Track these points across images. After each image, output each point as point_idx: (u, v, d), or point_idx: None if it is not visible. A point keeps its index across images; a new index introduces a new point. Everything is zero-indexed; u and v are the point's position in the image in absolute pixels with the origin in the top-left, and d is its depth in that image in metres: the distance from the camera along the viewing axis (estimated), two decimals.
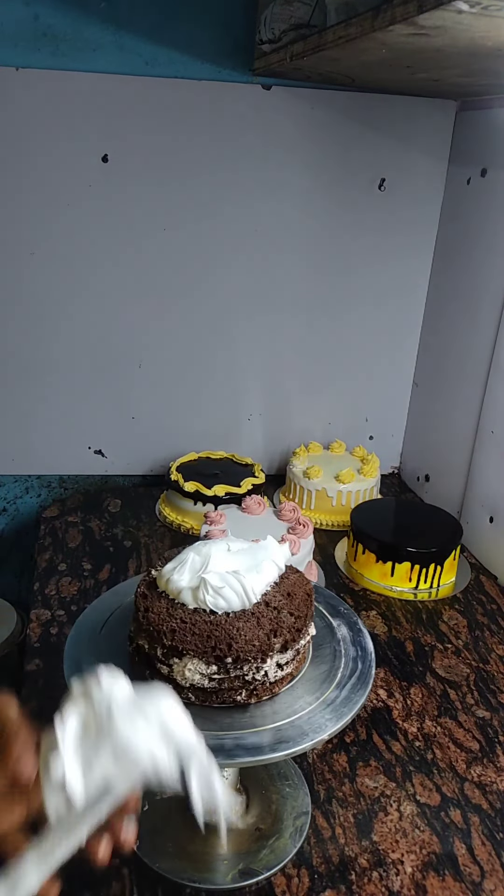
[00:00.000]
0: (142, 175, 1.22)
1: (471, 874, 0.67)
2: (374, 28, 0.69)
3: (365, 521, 1.13)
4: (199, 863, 0.67)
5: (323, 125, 1.24)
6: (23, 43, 1.13)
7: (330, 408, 1.46)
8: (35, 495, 1.43)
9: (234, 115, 1.21)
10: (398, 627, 1.02)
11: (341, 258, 1.35)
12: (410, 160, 1.30)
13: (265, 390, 1.42)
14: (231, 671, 0.57)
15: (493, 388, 1.17)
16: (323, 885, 0.65)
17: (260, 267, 1.32)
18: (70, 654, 0.63)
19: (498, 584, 1.13)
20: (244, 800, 0.72)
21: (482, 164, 1.19)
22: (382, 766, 0.78)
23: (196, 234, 1.28)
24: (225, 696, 0.58)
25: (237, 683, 0.58)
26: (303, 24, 0.94)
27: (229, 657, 0.57)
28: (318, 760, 0.79)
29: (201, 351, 1.36)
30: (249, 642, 0.57)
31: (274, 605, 0.61)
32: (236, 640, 0.57)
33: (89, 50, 1.15)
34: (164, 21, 1.15)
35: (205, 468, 1.30)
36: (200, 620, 0.59)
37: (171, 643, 0.58)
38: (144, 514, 1.29)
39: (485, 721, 0.85)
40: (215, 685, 0.58)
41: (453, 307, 1.31)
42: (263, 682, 0.59)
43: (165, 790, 0.45)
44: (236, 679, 0.58)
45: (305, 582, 0.65)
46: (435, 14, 0.59)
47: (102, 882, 0.64)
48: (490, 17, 0.58)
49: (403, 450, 1.53)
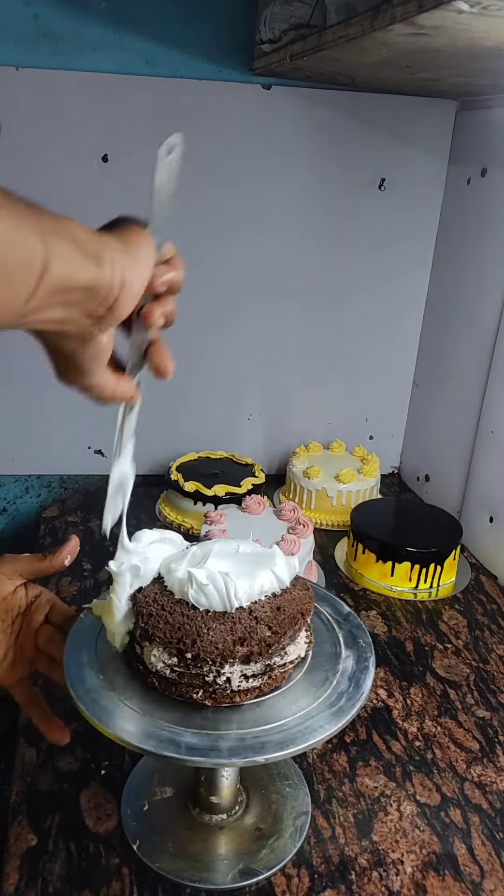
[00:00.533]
0: (142, 175, 1.21)
1: (471, 874, 0.67)
2: (374, 28, 0.69)
3: (365, 521, 1.13)
4: (199, 863, 0.67)
5: (323, 125, 1.24)
6: (23, 43, 1.13)
7: (330, 408, 1.46)
8: (35, 495, 1.43)
9: (234, 115, 1.21)
10: (398, 627, 1.02)
11: (341, 258, 1.35)
12: (410, 160, 1.30)
13: (265, 390, 1.42)
14: (191, 667, 0.57)
15: (493, 388, 1.17)
16: (323, 885, 0.65)
17: (260, 267, 1.32)
18: (70, 654, 0.63)
19: (498, 584, 1.13)
20: (244, 800, 0.72)
21: (482, 164, 1.19)
22: (382, 766, 0.78)
23: (196, 234, 1.28)
24: (182, 691, 0.58)
25: (196, 681, 0.57)
26: (303, 23, 0.94)
27: (189, 653, 0.57)
28: (318, 760, 0.79)
29: (201, 351, 1.36)
30: (213, 644, 0.57)
31: (256, 614, 0.60)
32: (201, 639, 0.57)
33: (89, 50, 1.15)
34: (164, 21, 1.15)
35: (205, 468, 1.30)
36: (178, 612, 0.59)
37: (145, 626, 0.59)
38: (144, 514, 1.29)
39: (485, 721, 0.85)
40: (175, 677, 0.58)
41: (453, 307, 1.31)
42: (224, 688, 0.58)
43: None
44: (196, 677, 0.57)
45: (305, 602, 0.63)
46: (435, 14, 0.59)
47: (102, 882, 0.64)
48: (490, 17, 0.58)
49: (403, 450, 1.53)
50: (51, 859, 0.66)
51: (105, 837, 0.69)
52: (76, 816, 0.71)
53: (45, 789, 0.73)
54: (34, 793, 0.73)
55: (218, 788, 0.69)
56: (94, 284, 0.40)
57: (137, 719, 0.57)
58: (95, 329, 0.43)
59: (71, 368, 0.47)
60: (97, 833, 0.69)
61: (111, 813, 0.71)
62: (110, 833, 0.69)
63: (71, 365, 0.47)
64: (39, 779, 0.74)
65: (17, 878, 0.64)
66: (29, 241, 0.37)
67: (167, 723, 0.57)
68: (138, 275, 0.43)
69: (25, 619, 0.69)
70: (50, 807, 0.71)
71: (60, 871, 0.65)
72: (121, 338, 0.51)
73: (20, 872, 0.65)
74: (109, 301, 0.42)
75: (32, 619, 0.69)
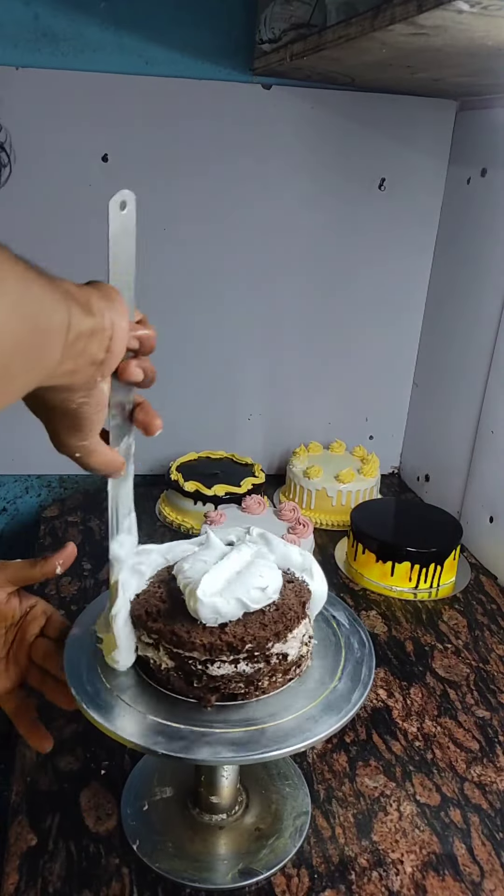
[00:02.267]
0: (142, 175, 1.22)
1: (471, 874, 0.67)
2: (374, 28, 0.69)
3: (365, 521, 1.13)
4: (199, 863, 0.67)
5: (323, 125, 1.24)
6: (23, 43, 1.13)
7: (330, 408, 1.46)
8: (35, 495, 1.43)
9: (234, 115, 1.21)
10: (398, 627, 1.02)
11: (341, 258, 1.35)
12: (410, 160, 1.30)
13: (265, 390, 1.42)
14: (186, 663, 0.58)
15: (493, 388, 1.17)
16: (323, 885, 0.65)
17: (259, 266, 1.32)
18: (70, 655, 0.63)
19: (498, 584, 1.13)
20: (244, 800, 0.72)
21: (482, 163, 1.19)
22: (382, 766, 0.78)
23: (196, 234, 1.28)
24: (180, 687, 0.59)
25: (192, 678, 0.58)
26: (303, 23, 0.94)
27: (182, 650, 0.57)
28: (318, 760, 0.79)
29: (201, 351, 1.36)
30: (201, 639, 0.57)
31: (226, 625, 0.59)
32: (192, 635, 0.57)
33: (89, 50, 1.15)
34: (164, 21, 1.15)
35: (205, 468, 1.30)
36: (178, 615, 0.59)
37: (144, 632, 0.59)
38: (144, 514, 1.29)
39: (485, 721, 0.85)
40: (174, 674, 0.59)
41: (453, 307, 1.31)
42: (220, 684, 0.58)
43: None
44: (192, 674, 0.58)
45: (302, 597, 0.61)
46: (435, 14, 0.59)
47: (102, 882, 0.64)
48: (490, 17, 0.58)
49: (403, 450, 1.53)
50: (51, 859, 0.66)
51: (105, 837, 0.69)
52: (76, 816, 0.71)
53: (45, 789, 0.73)
54: (34, 793, 0.73)
55: (218, 788, 0.69)
56: (93, 330, 0.44)
57: (137, 718, 0.57)
58: (98, 375, 0.46)
59: (74, 426, 0.49)
60: (97, 833, 0.69)
61: (111, 813, 0.71)
62: (110, 833, 0.69)
63: (75, 422, 0.49)
64: (39, 779, 0.74)
65: (17, 878, 0.64)
66: (59, 305, 0.40)
67: (167, 721, 0.56)
68: (122, 316, 0.46)
69: (20, 631, 0.68)
70: (50, 807, 0.71)
71: (60, 871, 0.65)
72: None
73: (20, 872, 0.65)
74: (106, 343, 0.45)
75: (27, 630, 0.68)
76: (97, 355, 0.45)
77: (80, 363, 0.44)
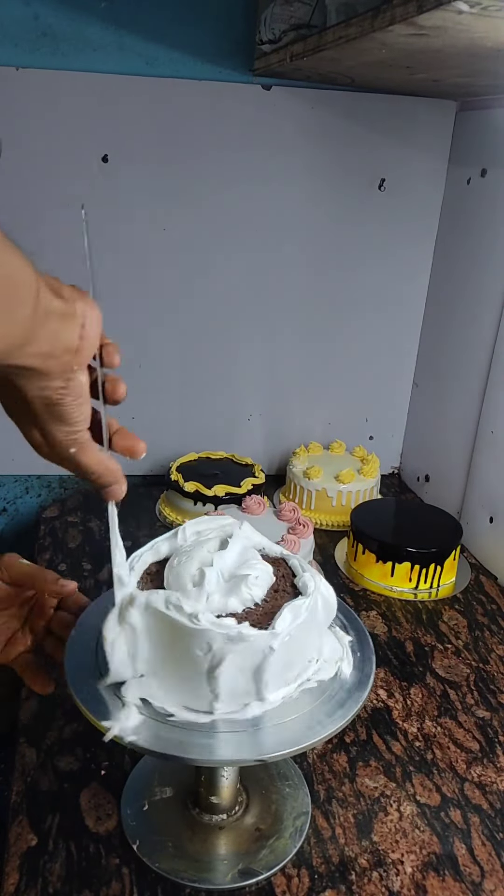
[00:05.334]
0: (142, 175, 1.22)
1: (471, 874, 0.67)
2: (373, 28, 0.69)
3: (365, 521, 1.13)
4: (199, 863, 0.67)
5: (323, 125, 1.24)
6: (23, 43, 1.13)
7: (330, 408, 1.46)
8: (35, 495, 1.44)
9: (234, 115, 1.21)
10: (398, 627, 1.02)
11: (341, 258, 1.35)
12: (410, 160, 1.30)
13: (265, 390, 1.42)
14: None
15: (493, 388, 1.17)
16: (323, 885, 0.65)
17: (260, 267, 1.32)
18: (70, 655, 0.63)
19: (498, 584, 1.13)
20: (244, 800, 0.72)
21: (482, 164, 1.19)
22: (382, 767, 0.78)
23: (196, 234, 1.28)
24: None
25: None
26: (303, 24, 0.94)
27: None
28: (318, 760, 0.79)
29: (201, 351, 1.36)
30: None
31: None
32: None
33: (89, 50, 1.15)
34: (164, 21, 1.15)
35: (205, 468, 1.30)
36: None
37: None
38: (144, 514, 1.29)
39: (485, 721, 0.85)
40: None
41: (453, 307, 1.31)
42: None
43: None
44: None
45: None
46: (435, 14, 0.59)
47: (102, 882, 0.65)
48: (490, 17, 0.58)
49: (403, 450, 1.53)
50: (51, 859, 0.66)
51: (105, 837, 0.69)
52: (76, 816, 0.71)
53: (45, 789, 0.73)
54: (34, 793, 0.73)
55: (218, 788, 0.69)
56: (64, 313, 0.45)
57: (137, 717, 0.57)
58: (74, 364, 0.47)
59: (58, 417, 0.50)
60: (97, 833, 0.69)
61: (111, 813, 0.71)
62: (110, 833, 0.69)
63: (57, 413, 0.50)
64: (39, 779, 0.74)
65: (17, 878, 0.64)
66: (29, 270, 0.42)
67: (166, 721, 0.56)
68: (92, 307, 0.47)
69: (37, 604, 0.71)
70: (50, 807, 0.71)
71: (60, 871, 0.65)
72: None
73: (20, 872, 0.65)
74: (78, 330, 0.46)
75: (46, 603, 0.70)
76: (71, 341, 0.46)
77: (56, 347, 0.45)
